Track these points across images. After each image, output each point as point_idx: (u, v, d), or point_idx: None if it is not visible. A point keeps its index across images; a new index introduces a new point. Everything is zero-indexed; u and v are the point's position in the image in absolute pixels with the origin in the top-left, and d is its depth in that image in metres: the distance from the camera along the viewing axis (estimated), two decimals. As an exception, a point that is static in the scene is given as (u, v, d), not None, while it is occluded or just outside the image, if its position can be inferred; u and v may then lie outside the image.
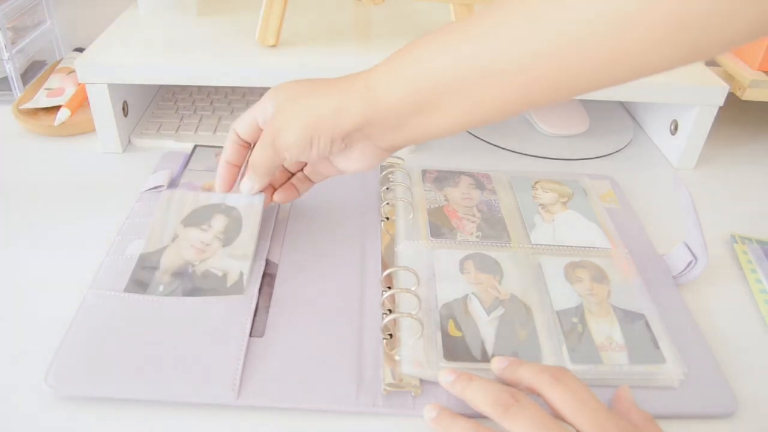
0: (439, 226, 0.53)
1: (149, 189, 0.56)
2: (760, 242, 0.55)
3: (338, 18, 0.72)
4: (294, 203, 0.56)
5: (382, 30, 0.70)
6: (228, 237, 0.49)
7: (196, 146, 0.62)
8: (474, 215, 0.55)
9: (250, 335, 0.42)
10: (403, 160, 0.61)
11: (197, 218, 0.50)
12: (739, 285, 0.51)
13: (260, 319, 0.44)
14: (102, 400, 0.39)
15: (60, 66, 0.76)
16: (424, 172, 0.60)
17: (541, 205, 0.57)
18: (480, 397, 0.37)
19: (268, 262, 0.49)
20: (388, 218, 0.54)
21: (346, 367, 0.41)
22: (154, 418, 0.38)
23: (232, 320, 0.43)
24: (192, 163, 0.60)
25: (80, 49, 0.81)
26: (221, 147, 0.59)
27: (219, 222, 0.50)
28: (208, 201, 0.51)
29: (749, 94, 0.65)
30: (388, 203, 0.55)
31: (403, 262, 0.49)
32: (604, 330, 0.44)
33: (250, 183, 0.49)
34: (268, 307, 0.45)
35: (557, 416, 0.35)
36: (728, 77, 0.68)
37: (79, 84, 0.70)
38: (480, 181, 0.60)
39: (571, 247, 0.52)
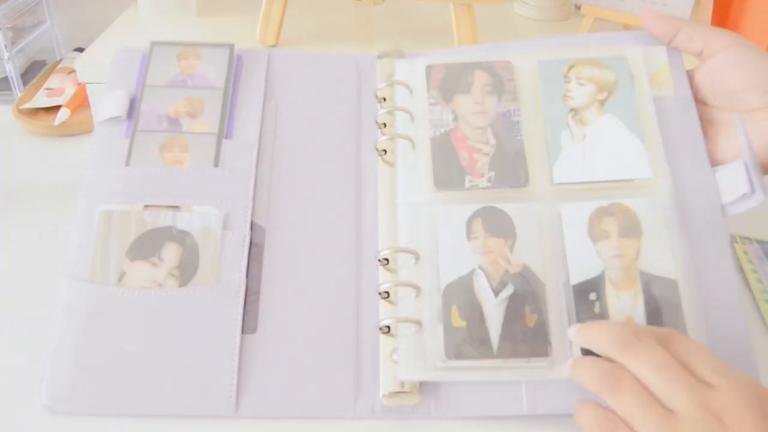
0: (445, 168, 0.45)
1: (105, 120, 0.47)
2: (760, 242, 0.55)
3: (338, 18, 0.72)
4: (277, 141, 0.47)
5: (382, 30, 0.70)
6: (184, 273, 0.41)
7: (153, 44, 0.50)
8: (487, 142, 0.45)
9: (242, 332, 0.40)
10: (403, 53, 0.50)
11: (145, 248, 0.42)
12: (739, 285, 0.51)
13: (251, 308, 0.41)
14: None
15: (60, 66, 0.76)
16: (429, 71, 0.48)
17: (572, 110, 0.46)
18: (604, 336, 0.35)
19: (253, 226, 0.44)
20: (385, 151, 0.46)
21: (344, 368, 0.40)
22: (150, 428, 0.38)
23: (222, 314, 0.40)
24: (151, 73, 0.48)
25: (80, 49, 0.81)
26: (184, 45, 0.50)
27: (172, 253, 0.42)
28: (155, 223, 0.43)
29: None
30: (384, 134, 0.47)
31: (403, 227, 0.43)
32: (625, 308, 0.40)
33: None
34: (258, 291, 0.42)
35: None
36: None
37: (79, 84, 0.70)
38: (498, 78, 0.47)
39: (602, 182, 0.43)
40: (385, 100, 0.48)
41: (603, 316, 0.40)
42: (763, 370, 0.44)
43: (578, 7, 0.75)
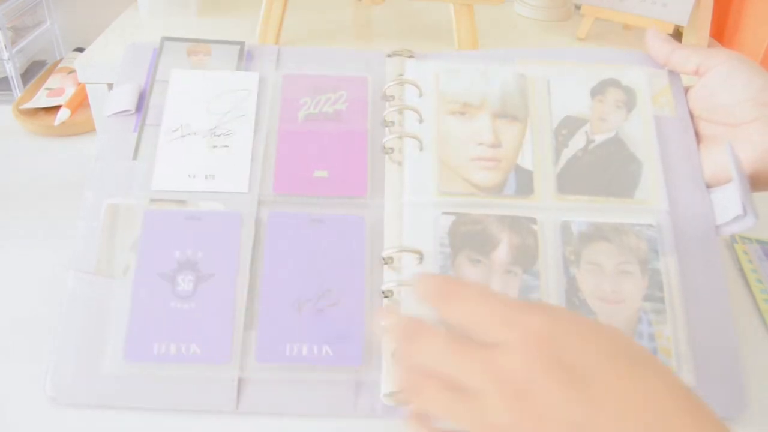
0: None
1: (115, 113, 0.47)
2: (760, 242, 0.55)
3: (338, 18, 0.72)
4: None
5: (382, 30, 0.70)
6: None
7: (164, 40, 0.51)
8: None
9: (244, 327, 0.40)
10: (413, 53, 0.50)
11: None
12: (739, 285, 0.51)
13: (254, 303, 0.41)
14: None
15: (60, 66, 0.76)
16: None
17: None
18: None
19: (259, 221, 0.44)
20: (392, 149, 0.46)
21: (345, 366, 0.40)
22: (151, 421, 0.38)
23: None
24: (161, 68, 0.49)
25: (80, 49, 0.81)
26: (194, 40, 0.51)
27: None
28: None
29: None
30: (392, 132, 0.46)
31: (408, 227, 0.43)
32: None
33: None
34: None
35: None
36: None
37: (79, 84, 0.69)
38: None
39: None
40: (393, 98, 0.48)
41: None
42: (764, 371, 0.44)
43: (578, 7, 0.75)
